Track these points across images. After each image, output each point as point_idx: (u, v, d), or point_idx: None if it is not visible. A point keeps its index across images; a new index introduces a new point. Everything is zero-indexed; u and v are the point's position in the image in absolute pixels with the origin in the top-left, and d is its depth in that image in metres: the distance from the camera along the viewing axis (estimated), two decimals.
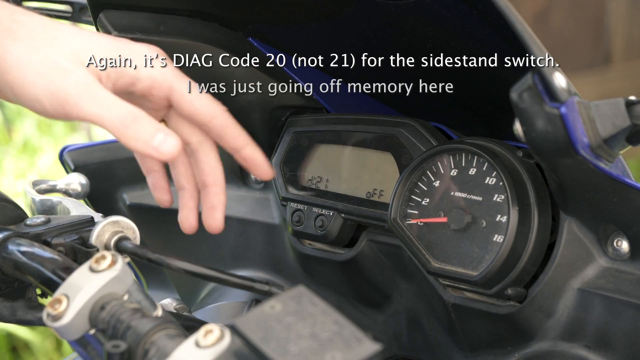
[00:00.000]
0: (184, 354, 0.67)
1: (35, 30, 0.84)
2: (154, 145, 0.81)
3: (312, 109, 1.14)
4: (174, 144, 0.82)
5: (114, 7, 1.04)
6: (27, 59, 0.82)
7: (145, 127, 0.82)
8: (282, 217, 1.19)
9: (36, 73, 0.82)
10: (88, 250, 0.86)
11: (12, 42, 0.82)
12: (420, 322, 1.06)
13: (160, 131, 0.82)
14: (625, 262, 0.89)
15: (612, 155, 0.79)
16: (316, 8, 1.01)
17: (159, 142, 0.82)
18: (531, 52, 0.76)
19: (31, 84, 0.82)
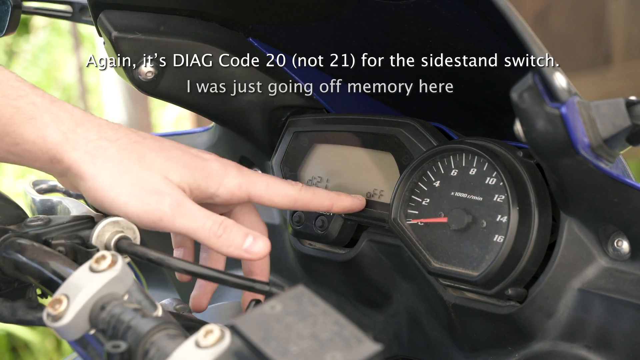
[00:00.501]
0: (184, 354, 0.67)
1: (124, 149, 0.89)
2: (245, 249, 0.90)
3: (312, 109, 1.14)
4: (263, 245, 0.90)
5: (114, 7, 1.04)
6: (119, 179, 0.88)
7: (235, 234, 0.90)
8: (282, 218, 1.19)
9: (129, 194, 0.88)
10: (88, 251, 0.86)
11: (102, 162, 0.88)
12: (420, 322, 1.06)
13: (249, 235, 0.90)
14: (625, 262, 0.89)
15: (612, 156, 0.78)
16: (316, 8, 1.01)
17: (248, 245, 0.90)
18: (531, 52, 0.76)
19: (123, 203, 0.88)
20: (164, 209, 0.88)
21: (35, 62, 4.23)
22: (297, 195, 0.98)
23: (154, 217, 0.88)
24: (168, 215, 0.88)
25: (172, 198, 0.88)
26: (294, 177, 1.12)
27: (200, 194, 0.93)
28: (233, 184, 0.94)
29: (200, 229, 0.89)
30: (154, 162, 0.90)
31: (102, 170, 0.87)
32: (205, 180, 0.92)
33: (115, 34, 1.03)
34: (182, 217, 0.88)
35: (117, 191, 0.87)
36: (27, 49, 4.23)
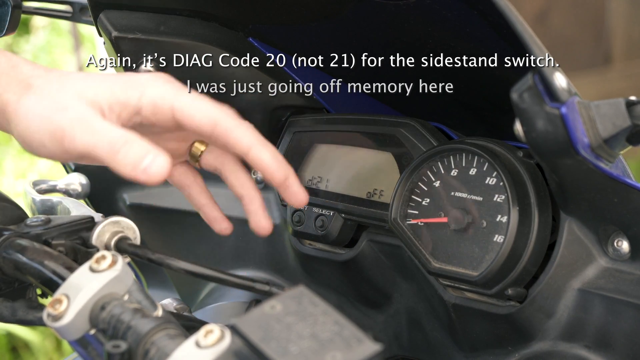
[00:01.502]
0: (184, 354, 0.67)
1: (49, 82, 0.84)
2: (142, 168, 0.79)
3: (312, 109, 1.14)
4: (162, 164, 0.79)
5: (115, 7, 1.04)
6: (34, 106, 0.82)
7: (135, 149, 0.79)
8: (282, 217, 1.19)
9: (40, 117, 0.81)
10: (88, 251, 0.86)
11: (26, 96, 0.83)
12: (420, 322, 1.06)
13: (150, 152, 0.79)
14: (625, 262, 0.89)
15: (612, 156, 0.79)
16: (316, 8, 1.01)
17: (147, 163, 0.79)
18: (531, 52, 0.76)
19: (36, 130, 0.82)
20: (65, 125, 0.80)
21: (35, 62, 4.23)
22: (219, 116, 0.86)
23: (57, 137, 0.81)
24: (69, 132, 0.80)
25: (75, 112, 0.81)
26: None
27: (122, 108, 0.84)
28: (156, 93, 0.85)
29: (99, 144, 0.80)
30: (72, 85, 0.84)
31: (24, 102, 0.83)
32: (125, 91, 0.84)
33: (116, 34, 1.03)
34: (82, 132, 0.80)
35: (32, 117, 0.82)
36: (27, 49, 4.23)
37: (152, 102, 0.84)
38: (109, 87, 0.84)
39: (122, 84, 0.84)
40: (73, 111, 0.81)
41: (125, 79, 0.85)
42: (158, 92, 0.84)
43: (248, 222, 0.95)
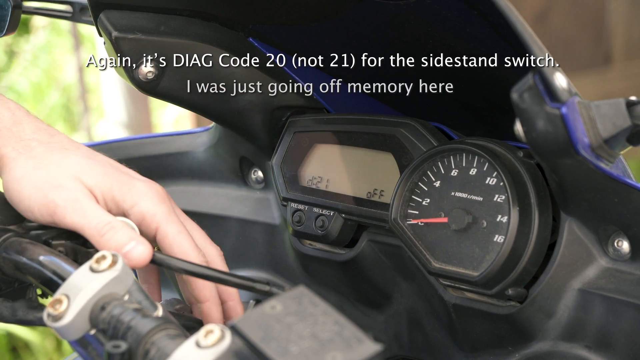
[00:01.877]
0: (184, 354, 0.67)
1: (50, 150, 0.89)
2: (125, 252, 0.84)
3: (312, 109, 1.14)
4: (142, 251, 0.85)
5: (115, 7, 1.04)
6: (30, 174, 0.87)
7: (119, 236, 0.85)
8: (282, 217, 1.19)
9: (33, 188, 0.87)
10: (88, 251, 0.86)
11: (25, 159, 0.88)
12: (420, 322, 1.06)
13: (133, 240, 0.85)
14: (625, 262, 0.89)
15: (612, 156, 0.78)
16: (316, 8, 1.01)
17: (128, 249, 0.84)
18: (531, 52, 0.76)
19: (26, 197, 0.87)
20: (59, 201, 0.86)
21: (35, 62, 4.23)
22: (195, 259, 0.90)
23: (49, 209, 0.86)
24: (61, 209, 0.86)
25: (70, 192, 0.87)
26: (294, 177, 1.12)
27: (114, 206, 0.89)
28: (148, 210, 0.89)
29: (87, 225, 0.86)
30: (72, 163, 0.89)
31: (19, 165, 0.88)
32: (121, 194, 0.89)
33: (116, 34, 1.03)
34: (73, 212, 0.86)
35: (24, 184, 0.87)
36: (27, 49, 4.23)
37: (141, 215, 0.89)
38: (108, 182, 0.89)
39: (121, 185, 0.89)
40: (68, 191, 0.87)
41: (126, 180, 0.90)
42: (150, 210, 0.90)
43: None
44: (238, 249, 1.25)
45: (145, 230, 0.90)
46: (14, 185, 0.88)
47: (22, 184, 0.87)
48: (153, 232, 0.90)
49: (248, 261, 1.24)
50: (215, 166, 1.25)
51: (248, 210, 1.23)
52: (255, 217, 1.22)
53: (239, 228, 1.24)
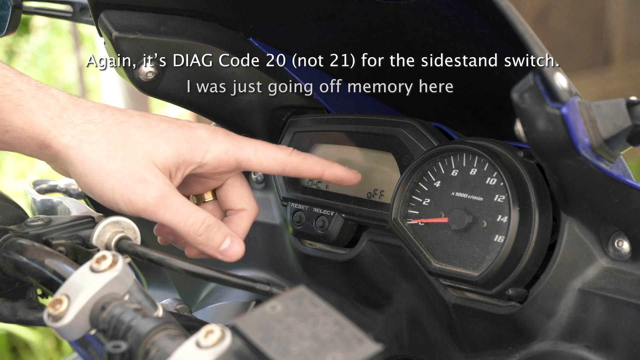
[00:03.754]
0: (184, 354, 0.67)
1: (110, 131, 0.90)
2: (221, 250, 0.93)
3: (312, 109, 1.14)
4: (239, 250, 0.93)
5: (115, 7, 1.04)
6: (106, 165, 0.88)
7: (215, 234, 0.92)
8: (282, 218, 1.19)
9: (116, 181, 0.89)
10: (89, 251, 0.86)
11: (89, 146, 0.88)
12: (421, 322, 1.06)
13: (228, 237, 0.93)
14: (626, 262, 0.89)
15: (613, 156, 0.78)
16: (316, 8, 1.01)
17: (225, 247, 0.93)
18: (532, 52, 0.76)
19: (110, 189, 0.89)
20: (148, 199, 0.89)
21: (35, 62, 4.23)
22: (286, 158, 0.97)
23: (139, 206, 0.89)
24: (152, 206, 0.89)
25: (157, 189, 0.89)
26: (294, 177, 1.12)
27: (187, 165, 0.93)
28: (220, 150, 0.94)
29: (182, 224, 0.91)
30: (138, 143, 0.90)
31: (89, 155, 0.88)
32: (190, 152, 0.92)
33: (116, 34, 1.03)
34: (165, 210, 0.90)
35: (104, 178, 0.88)
36: (27, 49, 4.23)
37: (216, 158, 0.94)
38: (175, 148, 0.92)
39: (188, 144, 0.92)
40: (154, 187, 0.89)
41: (188, 137, 0.93)
42: (222, 148, 0.94)
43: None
44: None
45: (227, 168, 0.95)
46: (92, 179, 0.89)
47: (101, 176, 0.88)
48: (235, 165, 0.95)
49: (248, 261, 1.24)
50: None
51: None
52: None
53: None
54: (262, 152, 0.96)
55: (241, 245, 0.93)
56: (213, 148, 0.94)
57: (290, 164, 0.97)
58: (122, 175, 0.89)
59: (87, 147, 0.88)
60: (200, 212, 0.92)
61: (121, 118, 0.91)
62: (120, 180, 0.88)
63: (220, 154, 0.94)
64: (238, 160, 0.95)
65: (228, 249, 0.93)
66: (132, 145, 0.90)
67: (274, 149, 0.97)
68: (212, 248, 0.93)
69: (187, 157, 0.92)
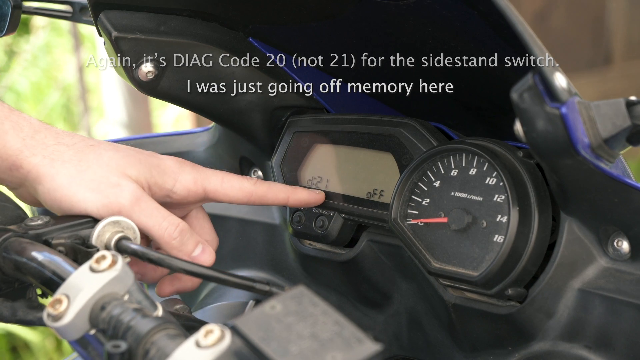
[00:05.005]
0: (184, 354, 0.67)
1: (81, 151, 0.91)
2: (194, 257, 0.94)
3: (312, 109, 1.14)
4: (209, 256, 0.95)
5: (115, 7, 1.04)
6: (77, 177, 0.89)
7: (189, 240, 0.93)
8: (282, 217, 1.19)
9: (88, 189, 0.89)
10: (88, 251, 0.86)
11: (61, 164, 0.89)
12: (420, 322, 1.06)
13: (200, 244, 0.94)
14: (625, 262, 0.89)
15: (612, 156, 0.79)
16: (316, 8, 1.01)
17: (197, 254, 0.94)
18: (531, 52, 0.76)
19: (82, 199, 0.89)
20: (123, 201, 0.89)
21: (35, 62, 4.23)
22: (251, 188, 1.00)
23: (113, 209, 0.89)
24: (126, 208, 0.90)
25: (130, 192, 0.90)
26: (294, 177, 1.12)
27: (158, 190, 0.94)
28: (188, 179, 0.96)
29: (156, 227, 0.91)
30: (111, 160, 0.92)
31: (60, 170, 0.89)
32: (161, 177, 0.94)
33: (116, 34, 1.03)
34: (140, 212, 0.90)
35: (76, 188, 0.89)
36: (27, 49, 4.22)
37: (185, 187, 0.96)
38: (147, 169, 0.93)
39: (157, 168, 0.95)
40: (127, 190, 0.90)
41: (157, 162, 0.95)
42: (190, 179, 0.97)
43: None
44: (238, 249, 1.25)
45: (195, 199, 0.97)
46: (63, 192, 0.89)
47: (72, 189, 0.89)
48: (202, 196, 0.98)
49: (248, 261, 1.24)
50: (215, 166, 1.25)
51: (248, 210, 1.23)
52: (255, 217, 1.22)
53: (239, 228, 1.24)
54: (227, 182, 0.99)
55: (212, 255, 0.95)
56: (182, 178, 0.96)
57: (256, 193, 1.01)
58: (95, 184, 0.89)
59: (59, 165, 0.90)
60: (174, 217, 0.93)
61: (91, 142, 0.93)
62: (93, 188, 0.89)
63: (189, 184, 0.96)
64: (206, 191, 0.98)
65: (200, 255, 0.94)
66: (104, 162, 0.91)
67: (239, 179, 1.00)
68: (185, 253, 0.93)
69: (159, 181, 0.94)
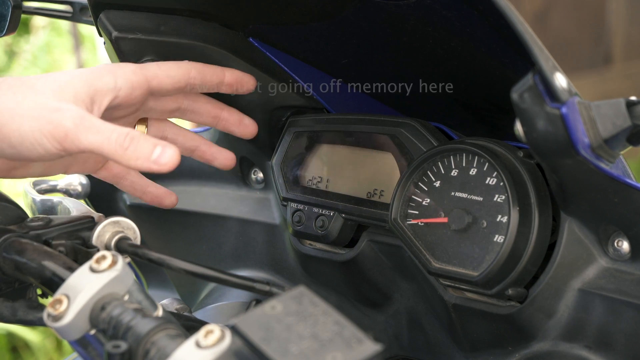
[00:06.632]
0: (184, 354, 0.67)
1: (13, 85, 0.87)
2: (154, 159, 0.84)
3: (312, 109, 1.14)
4: (172, 153, 0.84)
5: (115, 7, 1.04)
6: (17, 107, 0.85)
7: (143, 144, 0.85)
8: (282, 217, 1.19)
9: (31, 118, 0.85)
10: (88, 251, 0.86)
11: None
12: (420, 322, 1.06)
13: (158, 145, 0.85)
14: (625, 262, 0.89)
15: (612, 156, 0.79)
16: (316, 8, 1.01)
17: (157, 155, 0.84)
18: (531, 52, 0.76)
19: (28, 130, 0.85)
20: (67, 124, 0.85)
21: (35, 62, 4.23)
22: (189, 64, 1.00)
23: (59, 135, 0.85)
24: (72, 131, 0.85)
25: (72, 113, 0.85)
26: (294, 177, 1.12)
27: (102, 96, 0.90)
28: (127, 71, 0.93)
29: (106, 142, 0.85)
30: (45, 86, 0.87)
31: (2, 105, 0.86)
32: (100, 79, 0.90)
33: (116, 34, 1.03)
34: (86, 132, 0.85)
35: (19, 120, 0.85)
36: (27, 49, 4.23)
37: (128, 81, 0.91)
38: (83, 80, 0.88)
39: (94, 74, 0.90)
40: (69, 112, 0.85)
41: (93, 70, 0.91)
42: (128, 70, 0.92)
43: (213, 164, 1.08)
44: (238, 249, 1.25)
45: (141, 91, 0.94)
46: (9, 127, 0.85)
47: (16, 120, 0.85)
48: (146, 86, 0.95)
49: (248, 261, 1.24)
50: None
51: (248, 210, 1.23)
52: (255, 217, 1.22)
53: (239, 228, 1.24)
54: (164, 65, 0.98)
55: (174, 150, 0.84)
56: (120, 72, 0.92)
57: (194, 68, 1.00)
58: (36, 111, 0.85)
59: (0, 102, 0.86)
60: (121, 127, 0.86)
61: (22, 78, 0.89)
62: (35, 116, 0.85)
63: (129, 75, 0.93)
64: (147, 78, 0.95)
65: (160, 156, 0.84)
66: (39, 89, 0.87)
67: (175, 62, 0.99)
68: (144, 160, 0.84)
69: (99, 85, 0.90)
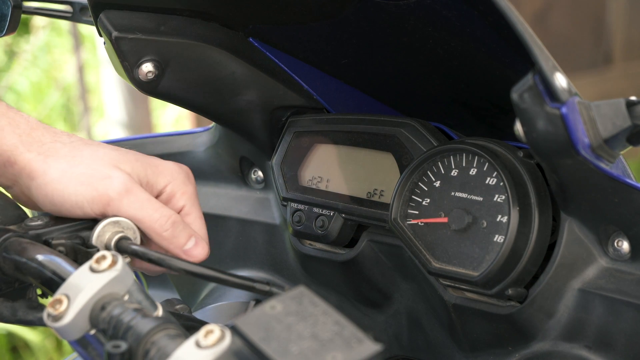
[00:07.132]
0: (184, 354, 0.67)
1: (77, 148, 0.90)
2: (186, 250, 0.91)
3: (312, 109, 1.14)
4: (203, 252, 0.91)
5: (115, 7, 1.04)
6: (69, 171, 0.88)
7: (181, 232, 0.91)
8: (282, 217, 1.19)
9: (78, 183, 0.87)
10: (88, 251, 0.86)
11: (54, 160, 0.88)
12: (420, 322, 1.06)
13: (193, 237, 0.91)
14: (625, 262, 0.89)
15: (612, 156, 0.79)
16: (316, 8, 1.01)
17: (190, 247, 0.91)
18: (531, 52, 0.76)
19: (72, 193, 0.87)
20: (112, 193, 0.87)
21: (35, 62, 4.23)
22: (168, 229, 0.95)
23: (103, 201, 0.87)
24: (115, 201, 0.87)
25: (121, 182, 0.88)
26: (294, 177, 1.12)
27: (149, 189, 0.92)
28: (179, 188, 0.94)
29: (147, 219, 0.89)
30: (105, 155, 0.90)
31: (52, 166, 0.88)
32: (155, 176, 0.92)
33: (116, 34, 1.03)
34: (129, 204, 0.88)
35: (67, 181, 0.87)
36: (27, 49, 4.22)
37: (173, 192, 0.93)
38: (142, 166, 0.91)
39: (154, 167, 0.93)
40: (118, 181, 0.88)
41: (157, 163, 0.93)
42: (181, 189, 0.94)
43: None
44: (238, 249, 1.25)
45: (171, 207, 0.94)
46: (54, 186, 0.87)
47: (63, 182, 0.87)
48: (178, 208, 0.94)
49: (248, 261, 1.24)
50: (215, 166, 1.25)
51: (248, 210, 1.23)
52: (255, 217, 1.22)
53: (239, 228, 1.24)
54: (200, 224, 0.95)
55: (205, 248, 0.92)
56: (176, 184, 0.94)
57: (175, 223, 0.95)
58: (85, 177, 0.88)
59: (52, 161, 0.88)
60: (166, 208, 0.90)
61: (89, 141, 0.92)
62: (83, 181, 0.87)
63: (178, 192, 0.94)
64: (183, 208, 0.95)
65: (192, 249, 0.91)
66: (98, 156, 0.90)
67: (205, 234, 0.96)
68: (177, 246, 0.90)
69: (152, 179, 0.92)
